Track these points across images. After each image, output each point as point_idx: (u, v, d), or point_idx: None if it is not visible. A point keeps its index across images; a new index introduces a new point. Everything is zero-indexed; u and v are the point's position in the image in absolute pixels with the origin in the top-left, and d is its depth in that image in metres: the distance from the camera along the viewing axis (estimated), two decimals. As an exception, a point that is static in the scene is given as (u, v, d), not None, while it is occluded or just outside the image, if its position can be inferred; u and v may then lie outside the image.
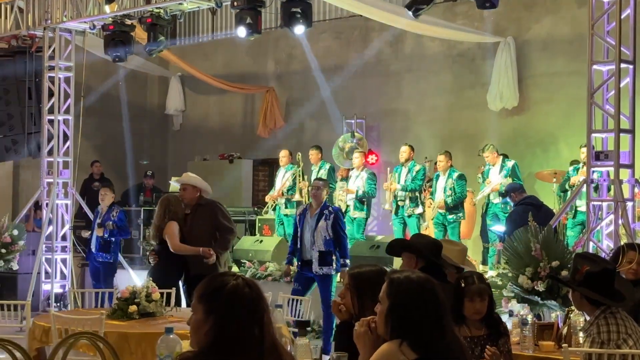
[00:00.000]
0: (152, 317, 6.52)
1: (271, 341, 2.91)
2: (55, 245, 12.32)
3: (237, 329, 2.84)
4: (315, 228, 8.98)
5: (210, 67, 16.89)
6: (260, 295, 2.95)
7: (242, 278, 2.97)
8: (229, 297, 2.89)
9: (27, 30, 12.70)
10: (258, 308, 2.90)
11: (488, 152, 11.65)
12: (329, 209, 9.11)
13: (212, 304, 2.89)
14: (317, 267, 8.96)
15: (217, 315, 2.88)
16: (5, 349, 4.22)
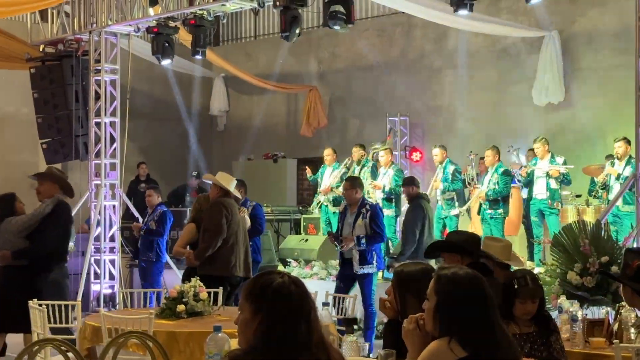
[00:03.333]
0: (199, 316, 6.56)
1: (319, 338, 2.91)
2: (104, 247, 12.46)
3: (285, 326, 2.85)
4: (354, 227, 8.95)
5: (253, 67, 16.97)
6: (306, 292, 2.95)
7: (288, 276, 2.97)
8: (276, 295, 2.90)
9: (73, 34, 12.87)
10: (304, 305, 2.90)
11: (539, 143, 11.41)
12: (367, 207, 9.07)
13: (259, 303, 2.90)
14: (357, 266, 8.92)
15: (264, 313, 2.89)
16: (58, 349, 4.29)
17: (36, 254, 7.55)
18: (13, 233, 7.54)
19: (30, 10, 12.77)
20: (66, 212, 7.80)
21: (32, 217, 7.65)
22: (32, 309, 6.57)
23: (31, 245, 7.55)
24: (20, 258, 7.56)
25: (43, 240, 7.58)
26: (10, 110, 15.85)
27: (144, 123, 16.47)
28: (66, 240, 7.89)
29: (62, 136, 13.03)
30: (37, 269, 7.55)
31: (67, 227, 7.85)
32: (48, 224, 7.60)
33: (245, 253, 8.38)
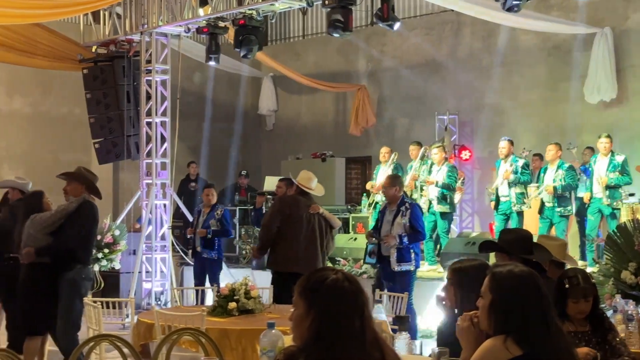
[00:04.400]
0: (251, 314, 6.60)
1: (373, 335, 2.90)
2: (155, 245, 12.60)
3: (338, 322, 2.85)
4: (392, 224, 8.93)
5: (301, 67, 17.01)
6: (360, 289, 2.94)
7: (342, 272, 2.97)
8: (329, 291, 2.90)
9: (124, 35, 13.04)
10: (358, 302, 2.90)
11: (606, 139, 11.14)
12: (406, 205, 9.03)
13: (313, 299, 2.91)
14: (395, 263, 8.90)
15: (318, 309, 2.89)
16: (114, 345, 4.35)
17: (56, 252, 7.58)
18: (37, 230, 7.56)
19: (83, 11, 12.96)
20: (90, 212, 7.72)
21: (55, 215, 7.66)
22: (86, 305, 6.67)
23: (52, 243, 7.59)
24: (43, 255, 7.63)
25: (64, 238, 7.53)
26: (63, 111, 16.12)
27: (193, 123, 16.62)
28: (88, 241, 7.82)
29: (113, 136, 13.21)
30: (58, 267, 7.57)
31: (90, 227, 7.79)
32: (71, 223, 7.61)
33: (309, 249, 8.33)
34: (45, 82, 15.81)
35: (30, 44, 12.65)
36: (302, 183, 8.45)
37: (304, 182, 8.47)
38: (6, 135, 15.54)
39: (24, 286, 7.70)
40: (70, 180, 7.83)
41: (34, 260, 7.54)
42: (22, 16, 11.45)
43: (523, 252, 4.89)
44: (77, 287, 7.42)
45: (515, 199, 11.49)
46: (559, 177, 11.13)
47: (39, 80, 15.68)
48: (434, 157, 12.39)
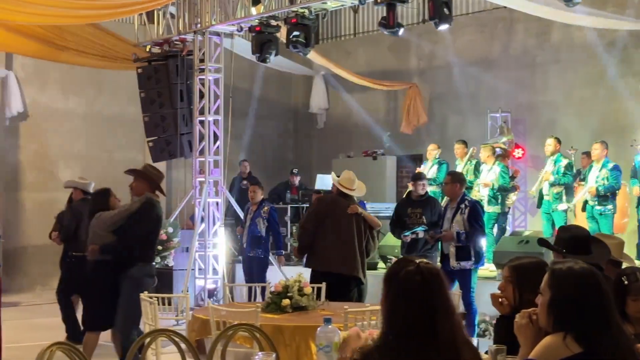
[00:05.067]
0: (304, 310, 6.63)
1: (449, 337, 2.83)
2: (208, 242, 12.70)
3: (404, 319, 2.82)
4: (452, 222, 8.90)
5: (353, 65, 17.02)
6: (431, 286, 2.87)
7: (419, 266, 2.92)
8: (399, 283, 2.88)
9: (178, 34, 13.17)
10: (426, 299, 2.85)
11: None
12: (466, 202, 9.00)
13: (386, 289, 2.90)
14: (454, 261, 8.86)
15: (388, 302, 2.89)
16: (171, 340, 4.41)
17: (119, 250, 7.76)
18: (101, 228, 7.77)
19: (138, 12, 13.11)
20: (152, 212, 7.87)
21: (118, 213, 7.84)
22: (143, 301, 6.77)
23: (114, 241, 7.77)
24: (106, 253, 7.82)
25: (126, 236, 7.75)
26: (117, 110, 16.35)
27: (245, 121, 16.75)
28: (149, 239, 7.98)
29: (167, 134, 13.34)
30: (120, 264, 7.76)
31: (151, 225, 7.93)
32: (133, 221, 7.78)
33: (346, 250, 8.33)
34: (100, 81, 16.06)
35: (85, 44, 12.84)
36: (343, 184, 8.43)
37: (345, 183, 8.44)
38: (62, 134, 15.82)
39: (87, 282, 7.92)
40: (136, 177, 8.00)
41: (98, 257, 7.76)
42: (78, 17, 11.64)
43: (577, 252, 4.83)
44: (138, 283, 7.58)
45: (552, 198, 11.43)
46: (602, 177, 11.02)
47: (94, 80, 15.93)
48: (481, 155, 12.35)
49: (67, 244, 10.03)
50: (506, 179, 11.87)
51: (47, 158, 15.66)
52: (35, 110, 15.53)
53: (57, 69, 15.13)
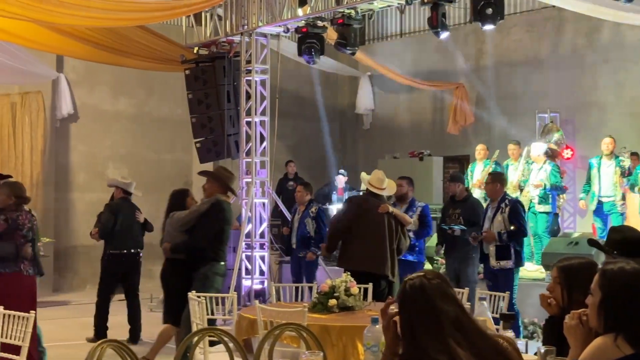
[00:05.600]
0: (351, 311, 6.63)
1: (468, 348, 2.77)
2: (254, 243, 12.76)
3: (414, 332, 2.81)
4: (492, 221, 8.85)
5: (399, 65, 16.97)
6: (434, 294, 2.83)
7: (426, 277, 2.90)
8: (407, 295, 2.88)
9: (225, 36, 13.26)
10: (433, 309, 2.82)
11: None
12: (506, 202, 8.95)
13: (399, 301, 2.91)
14: (494, 261, 8.81)
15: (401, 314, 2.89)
16: (219, 338, 4.45)
17: (188, 249, 7.99)
18: (174, 227, 8.07)
19: (185, 14, 13.23)
20: (221, 212, 8.08)
21: (189, 214, 8.11)
22: (191, 300, 6.83)
23: (185, 240, 8.02)
24: (177, 252, 8.05)
25: (195, 236, 8.02)
26: (165, 111, 16.52)
27: (291, 122, 16.80)
28: (218, 239, 8.15)
29: (214, 135, 13.43)
30: (192, 263, 7.98)
31: (220, 226, 8.11)
32: (202, 222, 8.01)
33: (377, 249, 8.30)
34: (149, 83, 16.24)
35: (134, 46, 12.99)
36: (372, 184, 8.44)
37: (375, 182, 8.46)
38: (111, 135, 16.02)
39: (161, 280, 8.20)
40: (208, 179, 8.24)
41: (170, 256, 8.04)
42: (126, 19, 11.78)
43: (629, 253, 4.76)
44: (209, 282, 7.87)
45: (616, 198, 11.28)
46: None
47: (143, 82, 16.12)
48: (532, 154, 12.22)
49: (105, 242, 10.23)
50: (558, 177, 11.76)
51: (97, 159, 15.87)
52: (85, 111, 15.75)
53: (106, 71, 15.33)
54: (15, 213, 7.31)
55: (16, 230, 7.28)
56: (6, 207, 7.34)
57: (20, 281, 7.32)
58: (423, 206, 10.01)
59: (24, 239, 7.32)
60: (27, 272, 7.37)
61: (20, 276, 7.32)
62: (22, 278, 7.33)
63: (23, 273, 7.33)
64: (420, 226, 9.80)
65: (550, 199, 11.78)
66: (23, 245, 7.31)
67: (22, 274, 7.32)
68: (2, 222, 7.22)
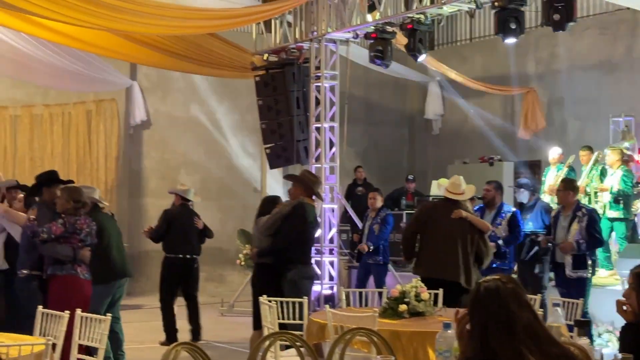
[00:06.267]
0: (421, 316, 6.59)
1: None
2: (324, 248, 12.79)
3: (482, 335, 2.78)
4: (568, 230, 8.67)
5: (469, 70, 16.85)
6: (507, 299, 2.80)
7: (502, 281, 2.87)
8: (478, 298, 2.85)
9: (295, 42, 13.34)
10: (500, 313, 2.79)
11: None
12: (583, 211, 8.75)
13: (470, 304, 2.88)
14: (570, 270, 8.64)
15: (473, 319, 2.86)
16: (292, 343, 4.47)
17: (272, 252, 8.11)
18: (260, 232, 8.20)
19: (255, 21, 13.36)
20: (302, 215, 8.15)
21: (272, 217, 8.22)
22: (262, 304, 6.88)
23: (270, 244, 8.14)
24: (262, 256, 8.19)
25: (277, 240, 8.12)
26: (235, 118, 16.70)
27: (360, 128, 16.82)
28: (301, 241, 8.23)
29: (284, 141, 13.50)
30: (278, 267, 8.08)
31: (302, 228, 8.18)
32: (285, 225, 8.11)
33: (448, 255, 8.22)
34: (219, 90, 16.44)
35: (205, 53, 13.16)
36: (449, 189, 8.34)
37: (452, 188, 8.34)
38: (183, 142, 16.27)
39: (251, 285, 8.43)
40: (293, 182, 8.38)
41: (257, 260, 8.21)
42: (197, 27, 11.96)
43: None
44: (296, 287, 7.96)
45: None
46: None
47: (214, 89, 16.33)
48: (607, 159, 11.97)
49: (163, 247, 10.44)
50: (628, 183, 11.48)
51: (169, 165, 16.13)
52: (158, 118, 16.02)
53: (178, 78, 15.59)
54: (73, 217, 7.45)
55: (73, 234, 7.43)
56: (65, 211, 7.49)
57: (76, 284, 7.43)
58: (513, 212, 9.74)
59: (81, 242, 7.46)
60: (84, 276, 7.48)
61: (75, 279, 7.43)
62: (78, 281, 7.44)
63: (79, 276, 7.45)
64: (509, 232, 9.53)
65: (622, 204, 11.53)
66: (80, 249, 7.45)
67: (77, 276, 7.43)
68: (59, 225, 7.38)
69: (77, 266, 7.44)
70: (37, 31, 11.34)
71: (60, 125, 15.63)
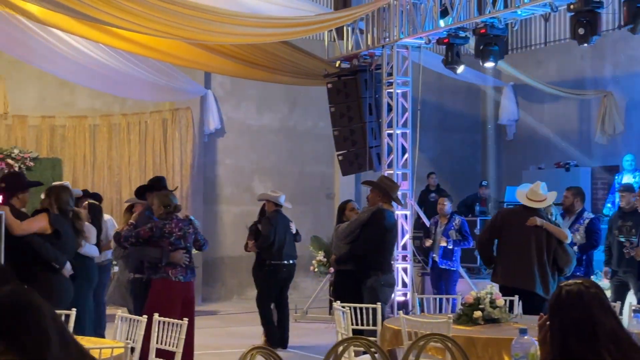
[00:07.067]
0: (496, 323, 6.53)
1: None
2: (396, 255, 12.75)
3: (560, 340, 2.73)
4: None
5: (543, 75, 16.63)
6: (590, 308, 2.74)
7: (585, 285, 2.82)
8: (556, 305, 2.80)
9: (367, 49, 13.37)
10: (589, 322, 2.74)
11: None
12: None
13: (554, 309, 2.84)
14: None
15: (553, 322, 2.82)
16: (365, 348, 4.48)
17: (351, 259, 8.16)
18: (339, 239, 8.27)
19: (328, 28, 13.44)
20: (381, 221, 8.18)
21: (351, 224, 8.30)
22: (335, 310, 6.91)
23: (348, 251, 8.20)
24: (341, 262, 8.27)
25: (355, 246, 8.16)
26: (308, 125, 16.80)
27: (433, 134, 16.73)
28: (380, 248, 8.24)
29: (356, 148, 13.53)
30: (358, 274, 8.12)
31: (380, 234, 8.20)
32: (362, 231, 8.15)
33: (523, 264, 8.08)
34: (292, 97, 16.57)
35: (278, 61, 13.28)
36: (529, 197, 8.20)
37: (531, 195, 8.21)
38: (257, 149, 16.43)
39: (332, 290, 8.56)
40: (371, 188, 8.45)
41: (337, 267, 8.32)
42: (271, 35, 12.08)
43: None
44: (376, 294, 7.97)
45: None
46: None
47: (286, 96, 16.46)
48: None
49: (263, 253, 10.44)
50: None
51: (243, 172, 16.30)
52: (232, 126, 16.22)
53: (252, 86, 15.75)
54: (162, 222, 7.65)
55: (162, 238, 7.61)
56: (159, 216, 7.73)
57: (168, 287, 7.59)
58: (591, 218, 9.52)
59: (171, 246, 7.63)
60: (177, 278, 7.64)
61: (167, 282, 7.60)
62: (170, 284, 7.60)
63: (171, 279, 7.60)
64: (586, 239, 9.34)
65: None
66: (170, 252, 7.62)
67: (169, 279, 7.60)
68: (147, 229, 7.61)
69: (170, 269, 7.61)
70: (115, 42, 11.61)
71: (137, 134, 15.95)
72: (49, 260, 6.82)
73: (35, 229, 6.83)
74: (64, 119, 15.90)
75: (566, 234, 8.40)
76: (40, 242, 6.79)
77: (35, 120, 15.75)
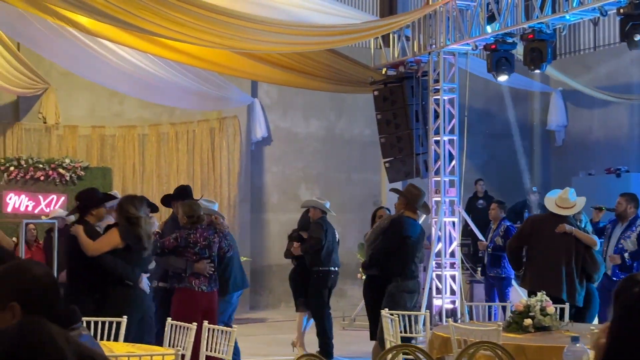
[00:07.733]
0: (547, 330, 6.47)
1: None
2: (444, 262, 12.69)
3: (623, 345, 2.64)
4: None
5: (593, 79, 16.43)
6: None
7: None
8: (623, 305, 2.72)
9: (413, 56, 13.33)
10: None
11: None
12: None
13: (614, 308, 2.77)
14: None
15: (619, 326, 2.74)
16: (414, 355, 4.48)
17: (375, 265, 8.29)
18: (367, 245, 8.37)
19: (374, 36, 13.45)
20: (400, 229, 8.18)
21: (373, 231, 8.44)
22: (383, 317, 6.89)
23: (369, 257, 8.38)
24: (364, 268, 8.45)
25: (373, 253, 8.30)
26: (354, 132, 16.81)
27: (480, 140, 16.62)
28: (400, 256, 8.23)
29: (403, 155, 13.49)
30: (382, 280, 8.19)
31: (398, 243, 8.18)
32: (381, 239, 8.24)
33: (551, 270, 8.01)
34: (338, 105, 16.59)
35: (324, 69, 13.32)
36: (558, 204, 8.17)
37: (561, 202, 8.18)
38: (303, 157, 16.48)
39: (363, 294, 8.80)
40: (399, 196, 8.54)
41: (366, 272, 8.52)
42: (318, 43, 12.13)
43: None
44: (394, 300, 8.01)
45: None
46: None
47: (333, 104, 16.50)
48: None
49: (309, 258, 10.37)
50: None
51: (290, 180, 16.36)
52: (278, 134, 16.29)
53: (298, 94, 15.81)
54: (187, 232, 7.67)
55: (187, 248, 7.64)
56: (183, 225, 7.76)
57: (190, 296, 7.60)
58: None
59: (195, 256, 7.65)
60: (200, 289, 7.64)
61: (190, 292, 7.61)
62: (192, 294, 7.61)
63: (194, 289, 7.61)
64: (638, 246, 9.12)
65: None
66: (195, 262, 7.64)
67: (192, 289, 7.60)
68: (172, 240, 7.65)
69: (193, 279, 7.63)
70: (163, 52, 11.75)
71: (185, 143, 16.11)
72: (122, 278, 6.91)
73: (107, 248, 6.88)
74: (113, 129, 16.12)
75: (595, 240, 8.33)
76: (111, 261, 6.85)
77: (85, 130, 15.99)
